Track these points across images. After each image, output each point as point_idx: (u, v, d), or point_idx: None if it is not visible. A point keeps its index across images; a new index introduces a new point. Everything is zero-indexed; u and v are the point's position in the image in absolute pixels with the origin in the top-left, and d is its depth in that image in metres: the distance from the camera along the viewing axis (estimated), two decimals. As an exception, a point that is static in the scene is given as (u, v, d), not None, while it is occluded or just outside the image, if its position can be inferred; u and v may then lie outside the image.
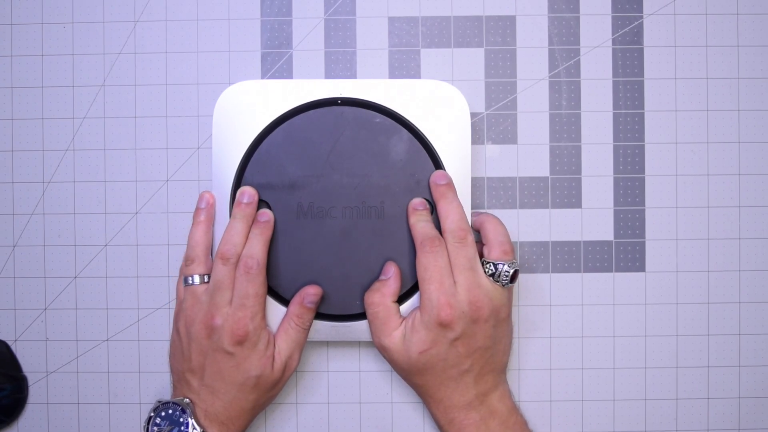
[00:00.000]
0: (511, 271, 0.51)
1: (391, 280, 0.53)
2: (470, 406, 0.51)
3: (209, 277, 0.52)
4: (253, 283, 0.51)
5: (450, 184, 0.53)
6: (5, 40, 0.58)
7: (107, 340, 0.58)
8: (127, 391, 0.58)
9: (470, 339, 0.50)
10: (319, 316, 0.54)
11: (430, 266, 0.50)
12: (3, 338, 0.58)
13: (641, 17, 0.57)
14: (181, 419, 0.50)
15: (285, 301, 0.53)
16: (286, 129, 0.53)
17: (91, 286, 0.58)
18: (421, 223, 0.52)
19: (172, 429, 0.50)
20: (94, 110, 0.58)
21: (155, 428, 0.51)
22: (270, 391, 0.53)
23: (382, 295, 0.52)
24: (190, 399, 0.51)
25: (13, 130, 0.58)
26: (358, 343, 0.57)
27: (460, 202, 0.52)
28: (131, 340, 0.58)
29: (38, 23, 0.58)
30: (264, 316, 0.52)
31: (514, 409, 0.53)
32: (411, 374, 0.52)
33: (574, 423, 0.57)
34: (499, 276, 0.51)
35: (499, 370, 0.54)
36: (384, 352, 0.53)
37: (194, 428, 0.50)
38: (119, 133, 0.58)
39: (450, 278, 0.50)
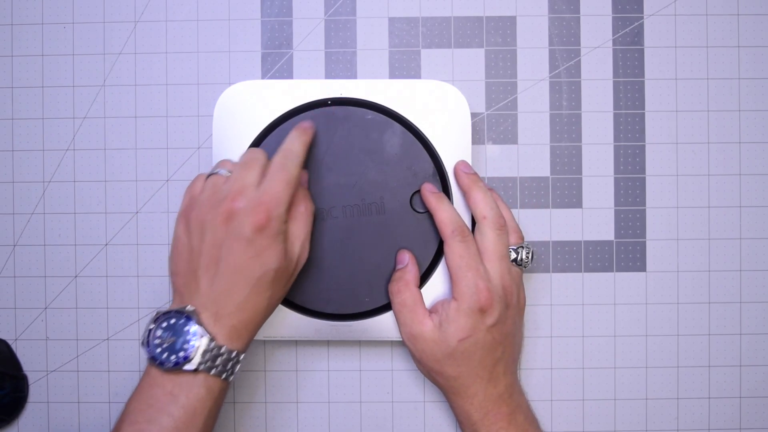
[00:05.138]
0: (531, 254, 0.52)
1: (409, 266, 0.52)
2: (501, 398, 0.51)
3: None
4: (285, 171, 0.47)
5: (476, 173, 0.53)
6: (5, 40, 0.58)
7: (107, 339, 0.58)
8: (128, 390, 0.57)
9: (503, 325, 0.50)
10: (320, 315, 0.54)
11: (465, 254, 0.50)
12: (3, 337, 0.58)
13: (642, 18, 0.57)
14: (186, 328, 0.45)
15: (293, 305, 0.54)
16: (278, 136, 0.53)
17: (91, 286, 0.58)
18: (445, 208, 0.52)
19: (176, 340, 0.45)
20: (94, 110, 0.58)
21: (157, 341, 0.45)
22: (284, 287, 0.49)
23: (405, 283, 0.52)
24: (195, 306, 0.46)
25: (14, 130, 0.58)
26: (359, 343, 0.57)
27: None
28: (131, 339, 0.58)
29: (38, 23, 0.58)
30: (288, 210, 0.48)
31: (530, 405, 0.53)
32: (446, 365, 0.50)
33: (574, 422, 0.57)
34: (521, 261, 0.52)
35: (517, 362, 0.54)
36: (416, 343, 0.51)
37: (203, 335, 0.45)
38: (119, 133, 0.58)
39: (483, 265, 0.50)
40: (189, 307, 0.46)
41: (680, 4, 0.57)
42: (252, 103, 0.54)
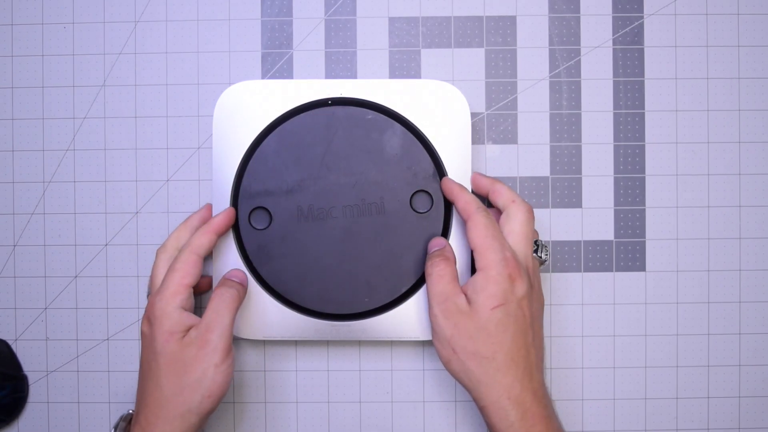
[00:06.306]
0: (549, 248, 0.52)
1: (447, 247, 0.51)
2: (536, 397, 0.48)
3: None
4: (175, 261, 0.50)
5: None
6: (5, 40, 0.58)
7: (107, 339, 0.58)
8: (127, 391, 0.58)
9: (530, 303, 0.49)
10: (320, 315, 0.54)
11: (491, 227, 0.49)
12: (3, 337, 0.58)
13: (642, 17, 0.57)
14: None
15: (292, 305, 0.54)
16: (278, 134, 0.53)
17: (91, 286, 0.58)
18: (468, 193, 0.51)
19: None
20: (94, 110, 0.58)
21: None
22: (181, 376, 0.47)
23: (446, 258, 0.50)
24: (135, 408, 0.50)
25: (14, 130, 0.58)
26: (358, 343, 0.57)
27: None
28: (131, 339, 0.58)
29: (39, 23, 0.58)
30: (186, 300, 0.49)
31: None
32: (479, 342, 0.47)
33: (574, 422, 0.57)
34: (539, 255, 0.51)
35: (542, 363, 0.51)
36: (449, 316, 0.48)
37: None
38: (119, 133, 0.58)
39: (506, 241, 0.49)
40: (129, 411, 0.53)
41: (680, 3, 0.57)
42: (252, 103, 0.54)
